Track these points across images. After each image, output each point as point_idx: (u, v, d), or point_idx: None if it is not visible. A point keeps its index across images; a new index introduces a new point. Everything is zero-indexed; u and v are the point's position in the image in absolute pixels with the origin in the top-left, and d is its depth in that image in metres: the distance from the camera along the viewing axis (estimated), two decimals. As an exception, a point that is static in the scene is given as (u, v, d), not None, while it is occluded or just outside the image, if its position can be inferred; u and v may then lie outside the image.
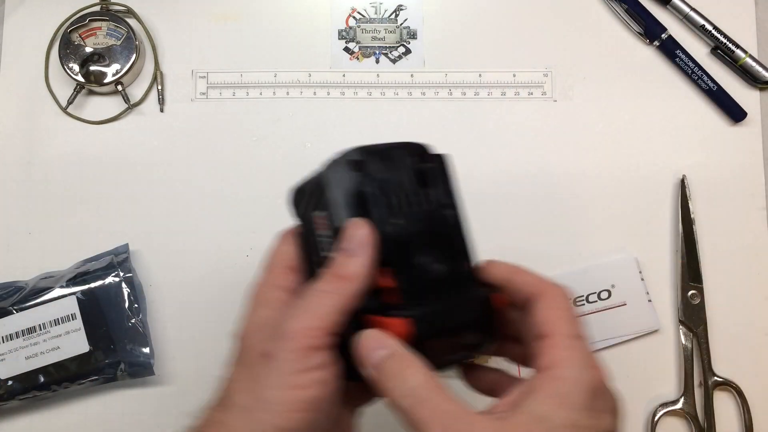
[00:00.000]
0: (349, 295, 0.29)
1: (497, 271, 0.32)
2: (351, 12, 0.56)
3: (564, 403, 0.25)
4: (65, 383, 0.49)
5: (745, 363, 0.51)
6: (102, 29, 0.54)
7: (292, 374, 0.27)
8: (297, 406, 0.27)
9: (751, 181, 0.54)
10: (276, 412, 0.27)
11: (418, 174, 0.32)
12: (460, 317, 0.30)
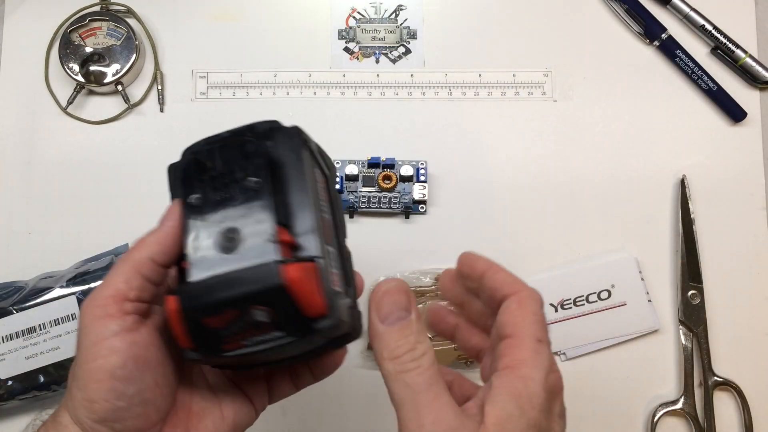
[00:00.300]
0: (137, 261, 0.29)
1: (473, 264, 0.31)
2: (351, 12, 0.56)
3: (529, 404, 0.26)
4: (65, 383, 0.49)
5: (745, 363, 0.51)
6: (102, 29, 0.54)
7: (90, 347, 0.28)
8: (97, 377, 0.28)
9: (751, 181, 0.54)
10: (83, 386, 0.28)
11: (235, 153, 0.32)
12: (237, 288, 0.26)
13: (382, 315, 0.28)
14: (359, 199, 0.53)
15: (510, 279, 0.30)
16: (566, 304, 0.52)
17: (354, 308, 0.32)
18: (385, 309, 0.28)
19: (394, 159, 0.52)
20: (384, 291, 0.28)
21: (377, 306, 0.28)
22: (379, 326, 0.28)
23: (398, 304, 0.28)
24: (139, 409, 0.29)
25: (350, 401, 0.52)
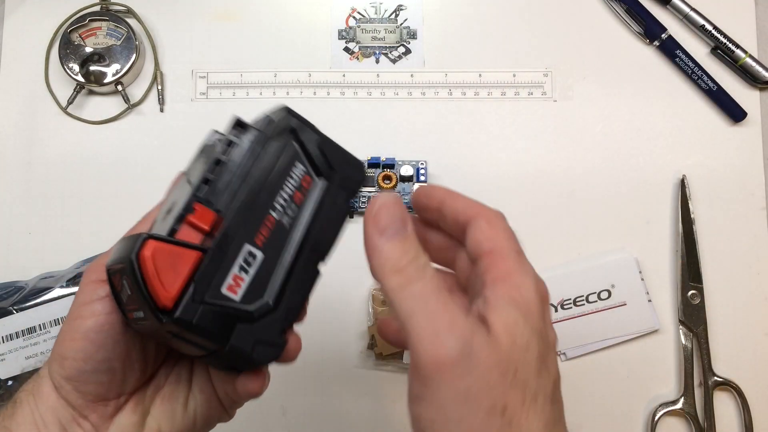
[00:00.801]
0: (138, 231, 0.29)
1: (430, 196, 0.31)
2: (351, 12, 0.56)
3: (528, 310, 0.25)
4: None
5: (745, 363, 0.51)
6: (102, 29, 0.54)
7: (76, 307, 0.29)
8: (74, 335, 0.29)
9: (751, 181, 0.54)
10: (60, 341, 0.29)
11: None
12: (117, 255, 0.27)
13: (381, 228, 0.27)
14: (359, 199, 0.53)
15: (471, 203, 0.30)
16: (566, 304, 0.52)
17: (266, 329, 0.28)
18: (384, 221, 0.27)
19: (394, 159, 0.52)
20: (381, 204, 0.27)
21: (375, 219, 0.27)
22: (379, 240, 0.26)
23: (396, 216, 0.27)
24: (104, 376, 0.30)
25: (350, 401, 0.52)
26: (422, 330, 0.24)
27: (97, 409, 0.30)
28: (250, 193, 0.28)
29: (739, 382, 0.50)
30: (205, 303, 0.26)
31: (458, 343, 0.24)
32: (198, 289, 0.26)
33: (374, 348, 0.51)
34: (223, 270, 0.27)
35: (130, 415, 0.31)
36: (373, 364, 0.52)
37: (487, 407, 0.24)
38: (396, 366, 0.51)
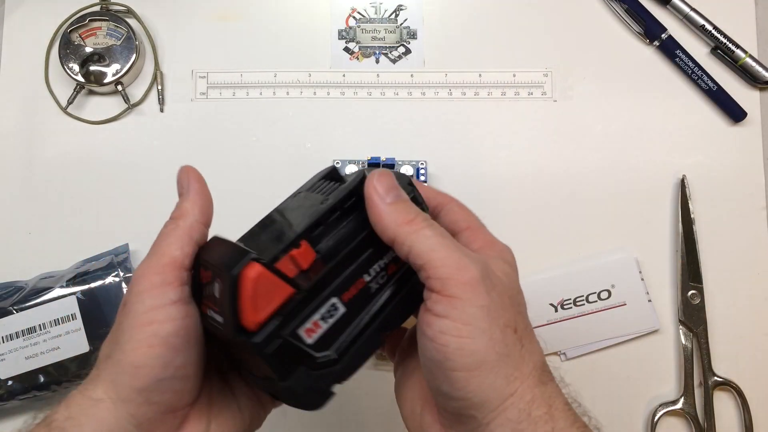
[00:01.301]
0: (187, 227, 0.30)
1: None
2: (351, 12, 0.56)
3: (513, 267, 0.31)
4: (65, 383, 0.49)
5: (745, 363, 0.51)
6: (102, 29, 0.54)
7: (145, 312, 0.28)
8: (150, 341, 0.28)
9: (751, 181, 0.54)
10: (130, 351, 0.28)
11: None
12: (219, 256, 0.29)
13: (383, 192, 0.30)
14: (359, 199, 0.53)
15: (437, 191, 0.34)
16: (566, 304, 0.52)
17: (322, 379, 0.30)
18: (385, 186, 0.30)
19: (394, 159, 0.52)
20: (379, 174, 0.30)
21: (376, 186, 0.30)
22: (386, 204, 0.29)
23: (393, 184, 0.30)
24: (179, 384, 0.29)
25: (350, 402, 0.51)
26: (447, 258, 0.28)
27: (166, 421, 0.29)
28: (354, 251, 0.30)
29: (739, 382, 0.50)
30: (283, 338, 0.28)
31: (479, 267, 0.28)
32: (283, 323, 0.28)
33: (374, 348, 0.51)
34: (308, 313, 0.29)
35: (196, 425, 0.30)
36: (373, 364, 0.52)
37: (503, 323, 0.28)
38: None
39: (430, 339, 0.28)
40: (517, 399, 0.27)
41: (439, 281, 0.28)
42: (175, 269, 0.29)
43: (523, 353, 0.28)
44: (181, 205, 0.31)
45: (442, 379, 0.28)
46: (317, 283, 0.28)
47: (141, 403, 0.28)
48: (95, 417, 0.28)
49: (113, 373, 0.28)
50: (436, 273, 0.28)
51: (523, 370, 0.28)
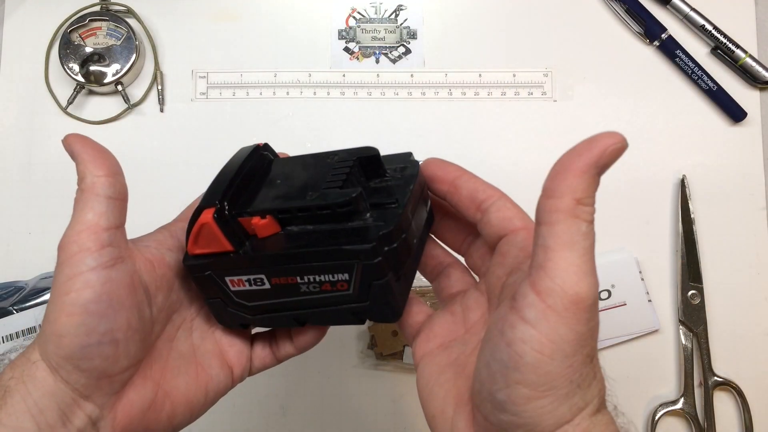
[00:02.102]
0: (89, 188, 0.30)
1: (446, 169, 0.33)
2: (351, 12, 0.56)
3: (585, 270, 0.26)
4: None
5: (745, 363, 0.51)
6: (102, 29, 0.54)
7: (64, 282, 0.28)
8: (69, 310, 0.27)
9: (751, 181, 0.54)
10: (53, 320, 0.27)
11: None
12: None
13: (596, 156, 0.26)
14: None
15: (489, 184, 0.32)
16: (566, 304, 0.52)
17: (234, 315, 0.32)
18: (606, 157, 0.26)
19: (394, 159, 0.52)
20: (620, 145, 0.26)
21: (599, 148, 0.26)
22: (584, 163, 0.26)
23: (612, 163, 0.27)
24: (108, 349, 0.28)
25: (350, 401, 0.52)
26: (574, 264, 0.25)
27: (101, 386, 0.28)
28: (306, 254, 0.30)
29: (739, 382, 0.50)
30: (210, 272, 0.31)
31: (594, 289, 0.25)
32: (214, 264, 0.31)
33: (374, 348, 0.51)
34: (238, 270, 0.31)
35: (140, 389, 0.30)
36: (373, 364, 0.52)
37: (586, 353, 0.25)
38: (396, 366, 0.51)
39: (507, 342, 0.25)
40: (572, 427, 0.25)
41: (548, 283, 0.25)
42: (92, 233, 0.29)
43: (593, 384, 0.26)
44: (77, 171, 0.30)
45: (501, 385, 0.25)
46: (256, 256, 0.30)
47: (71, 371, 0.28)
48: (35, 377, 0.28)
49: (42, 342, 0.28)
50: (552, 272, 0.25)
51: (587, 399, 0.25)
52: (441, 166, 0.33)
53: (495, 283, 0.31)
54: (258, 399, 0.52)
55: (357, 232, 0.29)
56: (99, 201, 0.29)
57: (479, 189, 0.32)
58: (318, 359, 0.52)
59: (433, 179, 0.33)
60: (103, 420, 0.29)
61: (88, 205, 0.29)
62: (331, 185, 0.31)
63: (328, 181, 0.31)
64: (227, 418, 0.51)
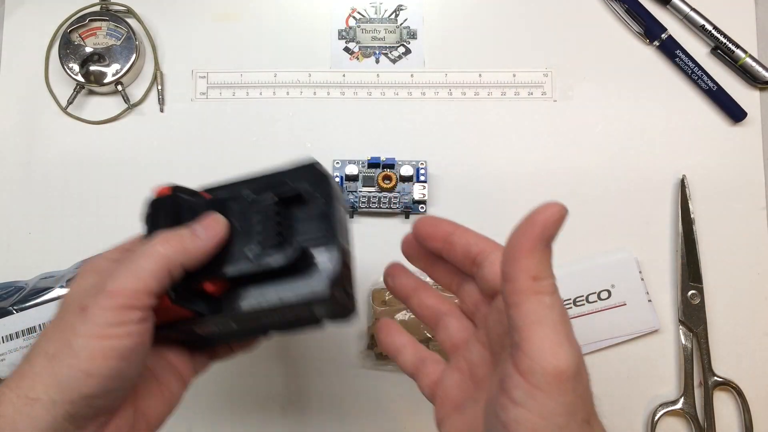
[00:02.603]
0: (170, 261, 0.30)
1: (437, 226, 0.33)
2: (351, 12, 0.56)
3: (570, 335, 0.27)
4: None
5: (745, 363, 0.51)
6: (102, 29, 0.54)
7: (107, 326, 0.29)
8: (108, 354, 0.28)
9: (751, 181, 0.54)
10: (86, 359, 0.28)
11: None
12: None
13: (544, 235, 0.27)
14: (359, 199, 0.53)
15: (482, 237, 0.32)
16: (566, 304, 0.52)
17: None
18: (549, 232, 0.27)
19: (394, 159, 0.52)
20: (553, 213, 0.28)
21: (544, 225, 0.27)
22: (536, 244, 0.27)
23: (557, 230, 0.28)
24: (123, 392, 0.30)
25: (350, 401, 0.52)
26: (546, 339, 0.25)
27: (99, 418, 0.30)
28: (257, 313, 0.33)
29: (739, 382, 0.50)
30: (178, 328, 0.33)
31: (576, 358, 0.25)
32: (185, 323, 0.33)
33: (374, 348, 0.51)
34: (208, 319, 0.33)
35: (124, 414, 0.31)
36: (373, 364, 0.52)
37: (581, 419, 0.26)
38: (396, 366, 0.51)
39: (503, 424, 0.26)
40: None
41: (527, 362, 0.25)
42: (144, 297, 0.29)
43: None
44: (189, 238, 0.31)
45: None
46: (223, 317, 0.33)
47: (83, 406, 0.29)
48: (30, 415, 0.28)
49: (61, 375, 0.28)
50: (529, 351, 0.25)
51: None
52: (433, 223, 0.33)
53: (495, 340, 0.31)
54: (258, 399, 0.52)
55: (308, 283, 0.32)
56: (167, 277, 0.31)
57: (472, 243, 0.32)
58: (318, 359, 0.52)
59: (427, 238, 0.33)
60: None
61: (160, 274, 0.30)
62: (268, 241, 0.32)
63: (259, 232, 0.33)
64: (227, 418, 0.51)
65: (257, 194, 0.34)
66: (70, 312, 0.30)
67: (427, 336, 0.50)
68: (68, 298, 0.31)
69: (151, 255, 0.30)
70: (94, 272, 0.32)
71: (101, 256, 0.34)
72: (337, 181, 0.52)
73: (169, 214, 0.33)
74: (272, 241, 0.32)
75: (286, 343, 0.52)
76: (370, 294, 0.52)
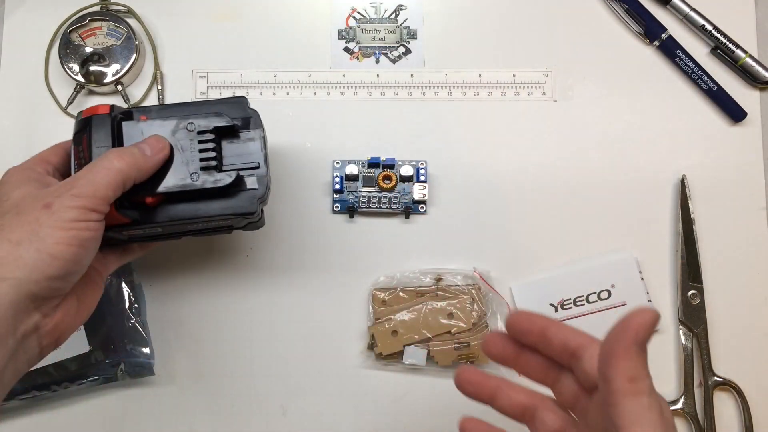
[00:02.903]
0: (127, 174, 0.37)
1: (532, 321, 0.34)
2: (351, 12, 0.56)
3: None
4: (65, 383, 0.49)
5: (745, 363, 0.51)
6: (102, 29, 0.54)
7: (70, 221, 0.35)
8: (71, 241, 0.34)
9: (751, 181, 0.54)
10: (52, 243, 0.34)
11: None
12: None
13: (639, 338, 0.28)
14: (359, 199, 0.53)
15: (578, 331, 0.33)
16: (566, 304, 0.52)
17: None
18: (643, 335, 0.28)
19: (394, 159, 0.52)
20: (649, 318, 0.29)
21: (638, 329, 0.29)
22: (632, 347, 0.28)
23: (650, 334, 0.29)
24: (77, 276, 0.36)
25: (350, 401, 0.52)
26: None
27: (53, 300, 0.36)
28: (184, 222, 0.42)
29: (739, 382, 0.50)
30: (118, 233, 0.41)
31: None
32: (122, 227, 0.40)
33: (374, 348, 0.51)
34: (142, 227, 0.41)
35: (71, 300, 0.37)
36: (373, 364, 0.52)
37: None
38: (396, 366, 0.51)
39: None
40: None
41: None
42: (105, 203, 0.36)
43: None
44: (140, 156, 0.38)
45: None
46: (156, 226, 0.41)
47: (44, 287, 0.34)
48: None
49: (28, 258, 0.33)
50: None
51: None
52: (528, 319, 0.34)
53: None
54: (258, 399, 0.52)
55: (239, 201, 0.41)
56: (121, 185, 0.37)
57: (570, 338, 0.33)
58: (318, 359, 0.52)
59: (524, 333, 0.35)
60: (42, 326, 0.35)
61: (115, 184, 0.36)
62: (209, 164, 0.40)
63: (202, 159, 0.40)
64: (227, 418, 0.51)
65: (194, 122, 0.41)
66: (32, 207, 0.35)
67: (427, 336, 0.50)
68: (21, 199, 0.36)
69: (110, 169, 0.36)
70: (25, 179, 0.39)
71: (23, 167, 0.41)
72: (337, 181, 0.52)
73: (109, 132, 0.40)
74: (211, 165, 0.40)
75: (286, 343, 0.52)
76: (370, 294, 0.52)
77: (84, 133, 0.40)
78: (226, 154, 0.41)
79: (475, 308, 0.50)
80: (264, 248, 0.53)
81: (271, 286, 0.53)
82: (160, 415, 0.51)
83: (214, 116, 0.41)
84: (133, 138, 0.40)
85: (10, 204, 0.37)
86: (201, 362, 0.52)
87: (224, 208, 0.41)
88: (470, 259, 0.53)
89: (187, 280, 0.53)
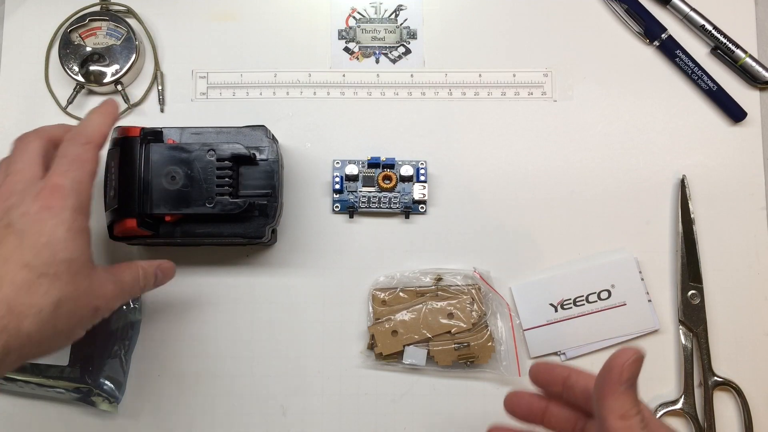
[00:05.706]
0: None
1: (554, 372, 0.36)
2: (351, 12, 0.56)
3: None
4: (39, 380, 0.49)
5: (745, 363, 0.51)
6: (102, 29, 0.54)
7: (73, 221, 0.36)
8: (76, 236, 0.36)
9: (751, 181, 0.54)
10: (49, 234, 0.35)
11: None
12: None
13: (625, 378, 0.31)
14: (359, 199, 0.53)
15: (592, 379, 0.34)
16: (566, 304, 0.52)
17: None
18: (629, 374, 0.32)
19: (394, 159, 0.52)
20: (634, 358, 0.32)
21: (624, 369, 0.32)
22: (620, 386, 0.31)
23: (637, 372, 0.32)
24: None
25: (350, 401, 0.52)
26: None
27: None
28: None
29: (739, 382, 0.50)
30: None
31: None
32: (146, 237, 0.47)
33: (374, 348, 0.51)
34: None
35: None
36: (373, 364, 0.52)
37: None
38: (396, 366, 0.51)
39: None
40: None
41: None
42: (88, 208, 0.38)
43: None
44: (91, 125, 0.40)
45: None
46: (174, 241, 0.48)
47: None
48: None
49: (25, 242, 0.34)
50: None
51: None
52: (549, 370, 0.36)
53: None
54: (258, 399, 0.52)
55: (251, 225, 0.46)
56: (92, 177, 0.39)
57: (590, 384, 0.34)
58: (318, 359, 0.52)
59: (545, 384, 0.36)
60: None
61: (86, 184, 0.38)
62: (224, 191, 0.45)
63: (218, 186, 0.45)
64: (227, 418, 0.51)
65: (216, 150, 0.45)
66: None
67: (427, 336, 0.50)
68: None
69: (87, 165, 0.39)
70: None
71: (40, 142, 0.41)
72: (337, 181, 0.52)
73: (134, 159, 0.45)
74: (226, 191, 0.45)
75: (286, 343, 0.52)
76: (370, 294, 0.52)
77: (116, 152, 0.45)
78: (243, 180, 0.46)
79: (475, 308, 0.50)
80: (264, 248, 0.53)
81: (271, 286, 0.53)
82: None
83: (235, 144, 0.46)
84: (158, 162, 0.46)
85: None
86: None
87: (235, 231, 0.46)
88: (470, 259, 0.53)
89: (188, 280, 0.52)
